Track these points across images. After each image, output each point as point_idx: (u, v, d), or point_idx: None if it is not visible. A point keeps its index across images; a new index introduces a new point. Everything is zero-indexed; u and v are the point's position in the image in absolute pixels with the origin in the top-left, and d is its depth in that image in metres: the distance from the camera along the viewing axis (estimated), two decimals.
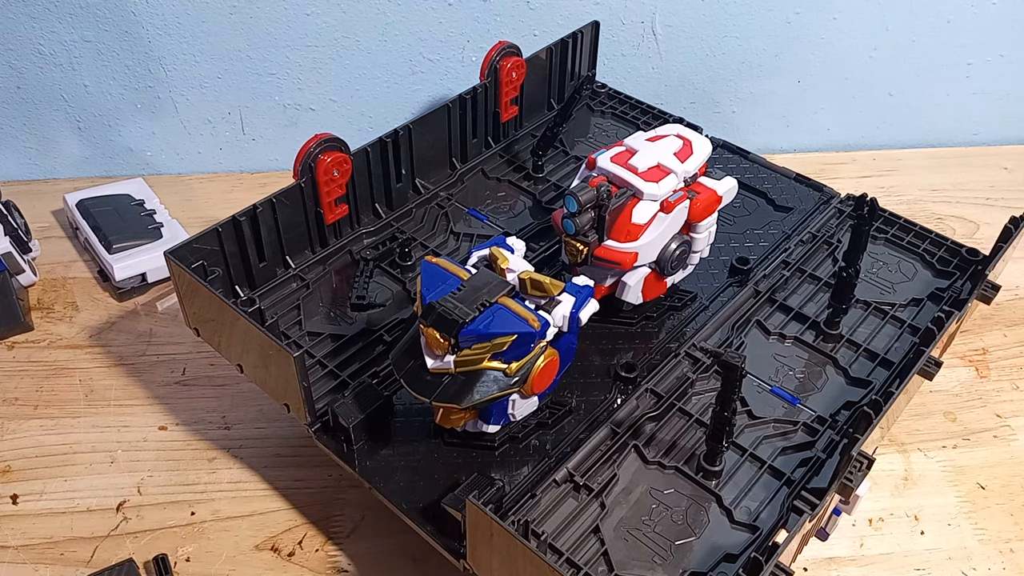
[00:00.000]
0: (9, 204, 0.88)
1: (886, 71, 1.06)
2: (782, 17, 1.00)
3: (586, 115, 0.96)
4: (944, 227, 0.95)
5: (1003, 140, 1.13)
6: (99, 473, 0.72)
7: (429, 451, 0.62)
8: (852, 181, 1.04)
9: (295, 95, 1.01)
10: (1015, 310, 0.88)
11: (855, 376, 0.67)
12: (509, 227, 0.80)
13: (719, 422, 0.57)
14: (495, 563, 0.51)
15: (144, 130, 1.02)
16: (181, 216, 0.92)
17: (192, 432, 0.75)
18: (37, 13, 0.92)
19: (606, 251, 0.65)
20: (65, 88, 0.98)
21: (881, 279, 0.76)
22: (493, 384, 0.55)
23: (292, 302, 0.73)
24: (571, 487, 0.59)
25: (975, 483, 0.72)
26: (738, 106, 1.08)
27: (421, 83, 1.02)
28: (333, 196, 0.74)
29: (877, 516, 0.70)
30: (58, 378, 0.79)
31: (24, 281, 0.85)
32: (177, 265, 0.64)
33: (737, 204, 0.83)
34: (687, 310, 0.73)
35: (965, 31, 1.03)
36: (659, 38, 1.01)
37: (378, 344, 0.69)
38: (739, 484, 0.60)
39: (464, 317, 0.54)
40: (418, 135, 0.80)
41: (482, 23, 0.98)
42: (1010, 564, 0.66)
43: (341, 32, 0.97)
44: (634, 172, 0.65)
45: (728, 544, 0.56)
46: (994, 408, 0.78)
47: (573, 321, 0.58)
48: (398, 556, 0.66)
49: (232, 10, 0.94)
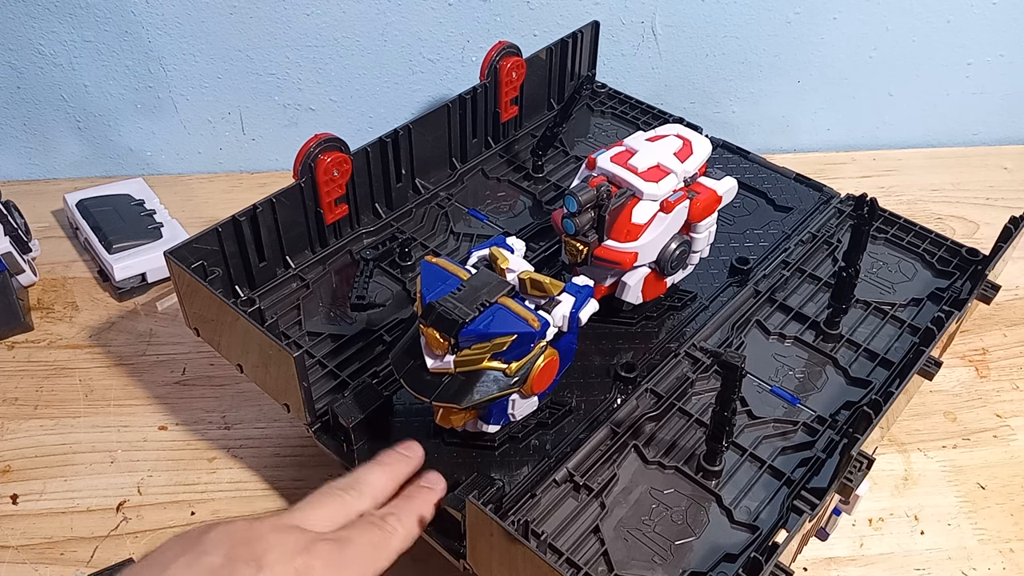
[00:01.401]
0: (9, 204, 0.88)
1: (886, 71, 1.06)
2: (782, 17, 1.00)
3: (586, 115, 0.96)
4: (944, 227, 0.95)
5: (1003, 140, 1.13)
6: (99, 473, 0.72)
7: (429, 451, 0.62)
8: (852, 181, 1.04)
9: (295, 95, 1.01)
10: (1015, 310, 0.88)
11: (855, 376, 0.67)
12: (509, 227, 0.80)
13: (719, 422, 0.57)
14: (495, 563, 0.51)
15: (144, 130, 1.02)
16: (181, 216, 0.92)
17: (192, 432, 0.75)
18: (37, 13, 0.92)
19: (606, 251, 0.65)
20: (65, 88, 0.98)
21: (881, 279, 0.76)
22: (493, 384, 0.55)
23: (292, 302, 0.73)
24: (571, 487, 0.59)
25: (975, 483, 0.72)
26: (738, 106, 1.08)
27: (421, 83, 1.02)
28: (333, 196, 0.74)
29: (877, 516, 0.70)
30: (58, 378, 0.79)
31: (24, 281, 0.86)
32: (177, 265, 0.64)
33: (737, 204, 0.83)
34: (687, 310, 0.73)
35: (965, 31, 1.03)
36: (659, 38, 1.01)
37: (378, 344, 0.69)
38: (739, 484, 0.60)
39: (464, 317, 0.54)
40: (418, 135, 0.80)
41: (482, 23, 0.98)
42: (1010, 564, 0.66)
43: (341, 32, 0.97)
44: (634, 172, 0.65)
45: (728, 544, 0.56)
46: (994, 408, 0.78)
47: (573, 321, 0.58)
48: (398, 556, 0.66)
49: (232, 10, 0.94)
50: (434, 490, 0.56)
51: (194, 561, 0.45)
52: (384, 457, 0.58)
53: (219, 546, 0.46)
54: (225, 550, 0.45)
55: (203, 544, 0.46)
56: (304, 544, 0.47)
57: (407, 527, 0.53)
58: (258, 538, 0.47)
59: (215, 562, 0.45)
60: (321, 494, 0.53)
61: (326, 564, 0.47)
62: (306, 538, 0.48)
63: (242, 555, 0.45)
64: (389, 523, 0.52)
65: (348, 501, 0.53)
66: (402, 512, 0.53)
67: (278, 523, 0.49)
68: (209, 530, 0.47)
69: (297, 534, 0.48)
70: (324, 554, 0.47)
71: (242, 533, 0.47)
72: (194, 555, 0.45)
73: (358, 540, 0.50)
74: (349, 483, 0.54)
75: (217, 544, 0.46)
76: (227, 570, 0.44)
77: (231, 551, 0.45)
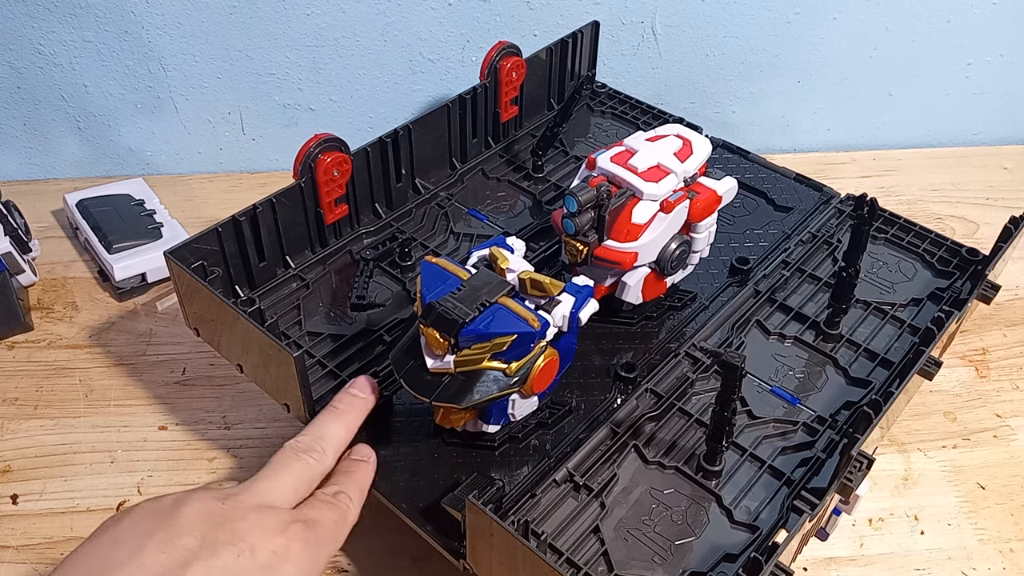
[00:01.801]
0: (9, 204, 0.88)
1: (886, 71, 1.06)
2: (782, 17, 1.00)
3: (586, 115, 0.96)
4: (944, 227, 0.95)
5: (1003, 140, 1.13)
6: (99, 473, 0.72)
7: (429, 451, 0.62)
8: (852, 181, 1.04)
9: (295, 95, 1.01)
10: (1015, 310, 0.88)
11: (855, 376, 0.67)
12: (509, 227, 0.80)
13: (719, 422, 0.57)
14: (495, 563, 0.51)
15: (144, 130, 1.02)
16: (181, 216, 0.92)
17: (192, 432, 0.75)
18: (37, 13, 0.92)
19: (606, 251, 0.65)
20: (65, 88, 0.98)
21: (881, 279, 0.76)
22: (493, 384, 0.55)
23: (292, 302, 0.73)
24: (571, 487, 0.59)
25: (975, 483, 0.72)
26: (738, 106, 1.08)
27: (421, 83, 1.02)
28: (333, 196, 0.74)
29: (877, 516, 0.70)
30: (58, 378, 0.79)
31: (24, 281, 0.86)
32: (177, 265, 0.64)
33: (737, 204, 0.83)
34: (687, 310, 0.73)
35: (965, 31, 1.03)
36: (659, 38, 1.01)
37: (378, 344, 0.69)
38: (739, 484, 0.60)
39: (464, 317, 0.54)
40: (418, 135, 0.80)
41: (482, 23, 0.98)
42: (1010, 564, 0.66)
43: (341, 32, 0.97)
44: (634, 172, 0.65)
45: (728, 544, 0.56)
46: (994, 408, 0.78)
47: (573, 321, 0.58)
48: (398, 556, 0.66)
49: (232, 10, 0.94)
50: (369, 463, 0.58)
51: (168, 541, 0.44)
52: (339, 404, 0.59)
53: (194, 527, 0.45)
54: (202, 532, 0.45)
55: (176, 524, 0.45)
56: (282, 525, 0.48)
57: (356, 502, 0.55)
58: (237, 519, 0.46)
59: (191, 544, 0.44)
60: (284, 459, 0.53)
61: (303, 545, 0.48)
62: (283, 519, 0.48)
63: (222, 538, 0.45)
64: (342, 501, 0.53)
65: (311, 464, 0.54)
66: (349, 488, 0.55)
67: (249, 499, 0.49)
68: (180, 505, 0.46)
69: (274, 514, 0.48)
70: (300, 535, 0.48)
71: (218, 511, 0.46)
72: (167, 535, 0.44)
73: (323, 520, 0.51)
74: (310, 442, 0.55)
75: (192, 524, 0.45)
76: (207, 552, 0.44)
77: (208, 533, 0.45)
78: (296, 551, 0.47)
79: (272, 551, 0.46)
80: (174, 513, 0.46)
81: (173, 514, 0.46)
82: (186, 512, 0.46)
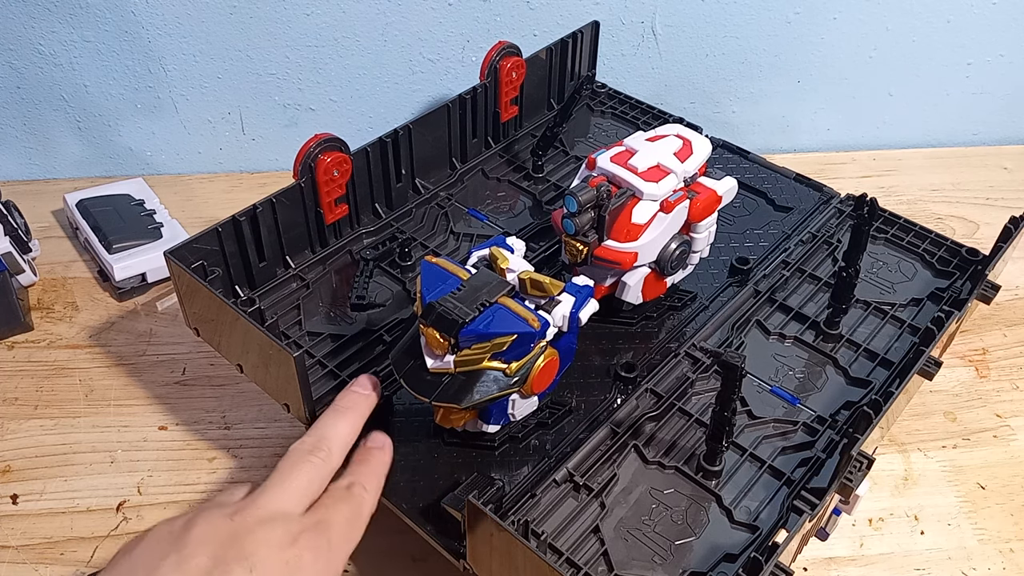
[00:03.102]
0: (9, 204, 0.88)
1: (886, 71, 1.06)
2: (782, 17, 1.00)
3: (586, 115, 0.96)
4: (944, 227, 0.95)
5: (1003, 140, 1.13)
6: (99, 473, 0.72)
7: (429, 451, 0.62)
8: (852, 181, 1.04)
9: (295, 95, 1.01)
10: (1015, 310, 0.88)
11: (855, 376, 0.67)
12: (509, 227, 0.80)
13: (719, 422, 0.57)
14: (495, 563, 0.51)
15: (144, 130, 1.02)
16: (181, 216, 0.92)
17: (192, 432, 0.75)
18: (37, 13, 0.92)
19: (606, 251, 0.65)
20: (65, 88, 0.98)
21: (881, 279, 0.76)
22: (493, 384, 0.55)
23: (292, 302, 0.73)
24: (571, 487, 0.59)
25: (975, 483, 0.72)
26: (738, 106, 1.08)
27: (421, 83, 1.02)
28: (333, 196, 0.74)
29: (877, 516, 0.70)
30: (58, 378, 0.79)
31: (24, 281, 0.86)
32: (177, 265, 0.64)
33: (737, 204, 0.83)
34: (687, 310, 0.73)
35: (965, 31, 1.03)
36: (659, 38, 1.01)
37: (378, 344, 0.69)
38: (739, 484, 0.60)
39: (464, 317, 0.54)
40: (418, 135, 0.80)
41: (482, 23, 0.98)
42: (1010, 564, 0.66)
43: (341, 32, 0.97)
44: (634, 172, 0.65)
45: (728, 544, 0.56)
46: (994, 408, 0.78)
47: (573, 321, 0.58)
48: (398, 556, 0.66)
49: (232, 10, 0.94)
50: (384, 449, 0.57)
51: (181, 563, 0.44)
52: (343, 401, 0.58)
53: (204, 545, 0.45)
54: (211, 550, 0.45)
55: (187, 544, 0.45)
56: (291, 535, 0.47)
57: (372, 491, 0.54)
58: (244, 533, 0.46)
59: (203, 564, 0.44)
60: (291, 462, 0.53)
61: (314, 553, 0.47)
62: (292, 528, 0.48)
63: (231, 555, 0.45)
64: (356, 493, 0.52)
65: (319, 465, 0.53)
66: (363, 478, 0.54)
67: (258, 512, 0.48)
68: (191, 526, 0.46)
69: (282, 525, 0.48)
70: (310, 543, 0.48)
71: (226, 529, 0.46)
72: (180, 556, 0.45)
73: (336, 519, 0.50)
74: (315, 442, 0.54)
75: (201, 543, 0.45)
76: (219, 571, 0.44)
77: (218, 551, 0.45)
78: (308, 561, 0.47)
79: (284, 562, 0.46)
80: (185, 535, 0.46)
81: (184, 535, 0.46)
82: (196, 532, 0.46)
